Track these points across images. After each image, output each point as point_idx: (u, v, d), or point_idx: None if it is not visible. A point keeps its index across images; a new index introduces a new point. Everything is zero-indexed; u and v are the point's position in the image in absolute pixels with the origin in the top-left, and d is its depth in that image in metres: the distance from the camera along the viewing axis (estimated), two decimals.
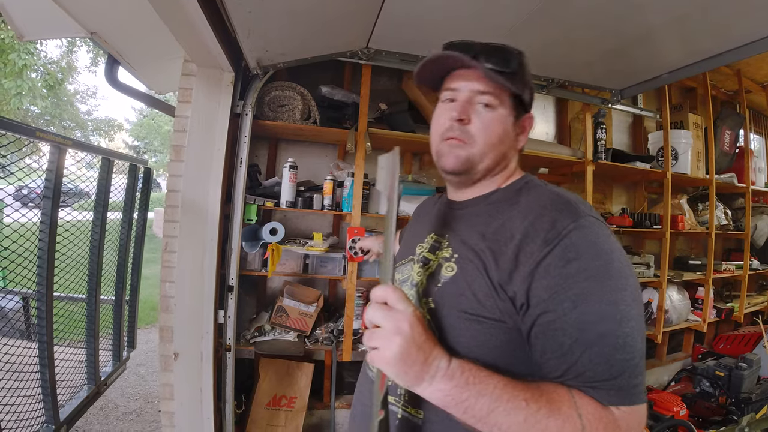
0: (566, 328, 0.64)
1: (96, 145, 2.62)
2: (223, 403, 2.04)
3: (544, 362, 0.68)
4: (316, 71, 2.47)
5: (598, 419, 0.62)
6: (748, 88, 4.04)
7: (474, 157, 0.82)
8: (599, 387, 0.63)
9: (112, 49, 2.00)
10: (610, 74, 2.47)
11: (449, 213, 0.92)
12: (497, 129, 0.82)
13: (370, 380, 0.89)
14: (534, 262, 0.67)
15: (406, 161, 2.92)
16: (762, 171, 4.19)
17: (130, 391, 3.27)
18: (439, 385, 0.62)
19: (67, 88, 12.31)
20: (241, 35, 1.61)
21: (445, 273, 0.80)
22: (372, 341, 0.63)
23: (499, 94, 0.81)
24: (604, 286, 0.65)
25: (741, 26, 1.73)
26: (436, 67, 0.85)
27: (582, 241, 0.67)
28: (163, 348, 1.93)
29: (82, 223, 2.34)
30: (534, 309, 0.68)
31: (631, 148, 3.64)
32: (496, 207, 0.82)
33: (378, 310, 0.65)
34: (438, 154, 0.86)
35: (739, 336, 3.52)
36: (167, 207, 1.99)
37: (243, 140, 2.07)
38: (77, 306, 2.41)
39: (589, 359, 0.63)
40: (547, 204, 0.74)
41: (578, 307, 0.64)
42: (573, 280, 0.65)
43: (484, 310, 0.72)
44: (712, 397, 2.63)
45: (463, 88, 0.82)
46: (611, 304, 0.64)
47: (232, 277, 2.07)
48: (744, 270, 3.78)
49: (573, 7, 1.65)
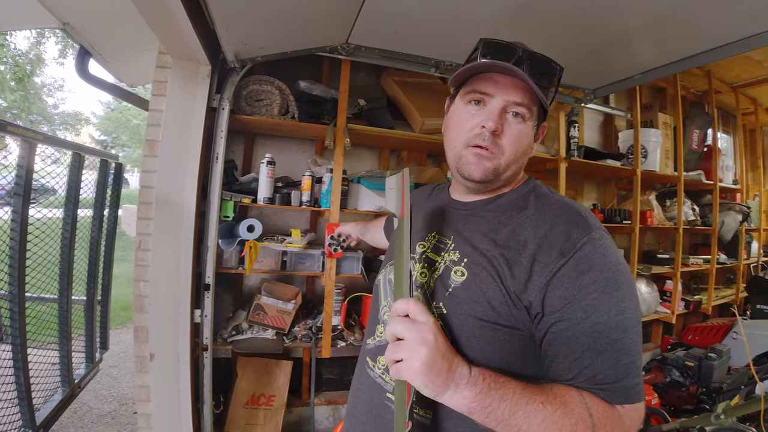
0: (578, 336, 0.68)
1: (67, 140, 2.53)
2: (201, 404, 2.00)
3: (554, 366, 0.71)
4: (294, 66, 2.44)
5: (606, 418, 0.66)
6: (718, 88, 4.18)
7: (500, 168, 0.81)
8: (607, 389, 0.68)
9: (84, 41, 1.93)
10: (584, 74, 2.52)
11: (453, 213, 0.91)
12: (525, 142, 0.81)
13: (372, 380, 0.88)
14: (550, 273, 0.70)
15: (384, 157, 2.91)
16: (729, 169, 4.35)
17: (103, 393, 3.18)
18: (464, 392, 0.64)
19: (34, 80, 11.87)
20: (219, 27, 1.57)
21: (455, 277, 0.79)
22: (397, 354, 0.64)
23: (531, 105, 0.79)
24: (613, 297, 0.68)
25: (715, 29, 1.78)
26: (469, 69, 0.81)
27: (594, 254, 0.70)
28: (138, 349, 1.88)
29: (51, 221, 2.26)
30: (548, 317, 0.70)
31: (602, 146, 3.73)
32: (504, 212, 0.83)
33: (401, 322, 0.65)
34: (461, 160, 0.83)
35: (708, 327, 3.65)
36: (141, 204, 1.93)
37: (220, 135, 2.03)
38: (47, 306, 2.33)
39: (599, 365, 0.67)
40: (560, 215, 0.76)
41: (590, 317, 0.68)
42: (585, 292, 0.68)
43: (499, 317, 0.73)
44: (683, 386, 2.72)
45: (499, 95, 0.79)
46: (619, 313, 0.68)
47: (209, 276, 2.02)
48: (711, 264, 3.92)
49: (555, 7, 1.67)
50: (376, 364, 0.88)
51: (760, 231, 4.80)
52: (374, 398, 0.86)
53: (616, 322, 0.67)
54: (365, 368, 0.91)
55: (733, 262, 4.29)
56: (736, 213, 4.11)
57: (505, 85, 0.78)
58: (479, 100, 0.80)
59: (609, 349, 0.67)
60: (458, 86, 0.87)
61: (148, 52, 2.23)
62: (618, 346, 0.67)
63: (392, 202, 0.86)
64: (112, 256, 2.91)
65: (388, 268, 0.96)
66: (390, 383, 0.83)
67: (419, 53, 2.27)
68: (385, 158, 2.92)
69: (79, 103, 33.98)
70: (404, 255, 0.74)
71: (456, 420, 0.72)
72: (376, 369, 0.87)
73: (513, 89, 0.78)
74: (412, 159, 2.97)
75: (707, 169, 3.98)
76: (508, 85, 0.78)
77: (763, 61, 3.61)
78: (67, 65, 11.25)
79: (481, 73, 0.81)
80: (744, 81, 4.18)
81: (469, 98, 0.82)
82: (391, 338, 0.66)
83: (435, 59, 2.31)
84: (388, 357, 0.65)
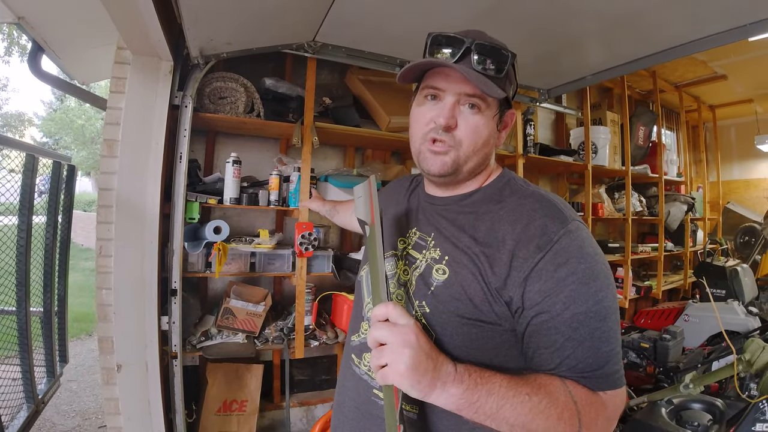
0: (559, 327, 0.69)
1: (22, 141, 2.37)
2: (173, 414, 1.93)
3: (537, 357, 0.72)
4: (256, 62, 2.39)
5: (590, 404, 0.68)
6: (662, 88, 4.46)
7: (459, 160, 0.81)
8: (589, 376, 0.70)
9: (38, 36, 1.83)
10: (540, 75, 2.64)
11: (430, 208, 0.91)
12: (483, 133, 0.81)
13: (358, 377, 0.88)
14: (528, 268, 0.71)
15: (349, 155, 2.92)
16: (674, 163, 4.67)
17: (65, 408, 3.04)
18: (452, 390, 0.64)
19: None
20: (187, 22, 1.52)
21: (436, 276, 0.80)
22: (381, 359, 0.63)
23: (486, 96, 0.79)
24: (591, 288, 0.70)
25: (661, 33, 1.92)
26: (416, 68, 0.82)
27: (570, 247, 0.72)
28: (104, 360, 1.79)
29: None
30: (528, 311, 0.72)
31: (554, 143, 3.92)
32: (481, 206, 0.83)
33: (382, 327, 0.65)
34: (420, 155, 0.84)
35: (659, 311, 3.88)
36: (100, 207, 1.85)
37: (183, 134, 1.96)
38: (3, 319, 2.17)
39: (581, 353, 0.69)
40: (536, 208, 0.77)
41: (569, 309, 0.69)
42: (564, 284, 0.69)
43: (481, 314, 0.75)
44: (640, 367, 2.88)
45: (450, 89, 0.78)
46: (597, 303, 0.70)
47: (175, 281, 1.95)
48: (659, 251, 4.18)
49: (514, 12, 1.74)
50: (361, 361, 0.88)
51: (705, 220, 5.17)
52: (361, 395, 0.86)
53: (595, 311, 0.69)
54: (351, 365, 0.91)
55: (680, 250, 4.59)
56: (681, 204, 4.40)
57: (455, 78, 0.78)
58: (434, 95, 0.81)
59: (589, 338, 0.69)
60: (418, 83, 0.87)
61: (102, 48, 2.13)
62: (598, 335, 0.69)
63: (361, 210, 0.86)
64: (67, 264, 2.74)
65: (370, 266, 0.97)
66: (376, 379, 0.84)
67: (385, 53, 2.29)
68: (350, 156, 2.92)
69: (21, 103, 31.66)
70: (378, 261, 0.75)
71: (441, 413, 0.72)
72: (362, 366, 0.87)
73: (463, 82, 0.77)
74: (377, 157, 2.98)
75: (653, 163, 4.25)
76: (458, 78, 0.77)
77: (708, 61, 3.90)
78: (12, 63, 10.54)
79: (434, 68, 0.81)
80: (688, 80, 4.48)
81: (425, 93, 0.82)
82: (373, 344, 0.65)
83: (400, 59, 2.34)
84: (373, 363, 0.64)
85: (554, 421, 0.65)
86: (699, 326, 3.35)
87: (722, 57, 3.76)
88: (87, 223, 10.79)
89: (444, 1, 1.69)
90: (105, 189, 1.85)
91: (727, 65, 3.98)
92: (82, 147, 16.60)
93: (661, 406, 1.95)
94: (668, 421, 1.86)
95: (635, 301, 4.27)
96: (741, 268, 3.87)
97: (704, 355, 2.65)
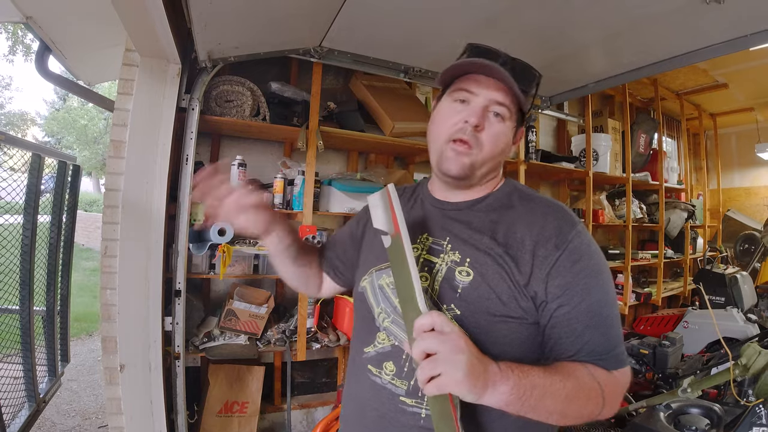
0: (579, 316, 0.77)
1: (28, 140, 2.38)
2: (175, 414, 1.94)
3: (558, 346, 0.79)
4: (262, 66, 2.41)
5: (609, 383, 0.76)
6: (664, 96, 4.49)
7: (476, 164, 0.85)
8: (605, 358, 0.77)
9: (45, 36, 1.84)
10: (542, 82, 2.64)
11: (440, 213, 0.93)
12: (502, 140, 0.86)
13: (380, 386, 0.86)
14: (549, 264, 0.79)
15: (352, 160, 2.93)
16: (674, 170, 4.69)
17: (65, 407, 3.06)
18: (501, 388, 0.66)
19: None
20: (197, 26, 1.54)
21: (460, 278, 0.82)
22: (436, 369, 0.63)
23: (511, 107, 0.84)
24: (599, 280, 0.80)
25: (662, 43, 1.95)
26: (459, 70, 0.86)
27: (581, 246, 0.80)
28: (107, 360, 1.80)
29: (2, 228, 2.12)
30: (551, 304, 0.78)
31: (555, 150, 3.95)
32: (493, 211, 0.88)
33: (430, 338, 0.64)
34: (442, 155, 0.87)
35: (659, 318, 3.89)
36: (106, 207, 1.86)
37: (189, 136, 1.97)
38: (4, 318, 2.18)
39: (597, 339, 0.77)
40: (548, 212, 0.84)
41: (585, 300, 0.77)
42: (579, 278, 0.78)
43: (509, 310, 0.79)
44: (639, 373, 2.89)
45: (482, 94, 0.83)
46: (605, 293, 0.80)
47: (180, 282, 1.96)
48: (659, 258, 4.19)
49: (518, 21, 1.77)
50: (382, 371, 0.87)
51: (705, 228, 5.17)
52: (385, 403, 0.85)
53: (605, 301, 0.79)
54: (368, 377, 0.89)
55: (680, 257, 4.60)
56: (682, 211, 4.42)
57: (488, 84, 0.83)
58: (464, 99, 0.85)
59: (602, 324, 0.78)
60: (445, 87, 0.91)
61: (109, 49, 2.15)
62: (608, 322, 0.78)
63: (380, 221, 0.82)
64: (71, 264, 2.75)
65: (375, 275, 0.94)
66: (401, 387, 0.83)
67: (390, 58, 2.31)
68: (353, 161, 2.94)
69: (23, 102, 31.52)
70: (411, 270, 0.73)
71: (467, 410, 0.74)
72: (383, 375, 0.86)
73: (495, 89, 0.83)
74: (380, 161, 3.00)
75: (653, 170, 4.28)
76: (491, 85, 0.83)
77: (709, 70, 3.93)
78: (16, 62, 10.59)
79: (467, 74, 0.85)
80: (689, 88, 4.50)
81: (455, 96, 0.86)
82: (421, 356, 0.65)
83: (405, 65, 2.36)
84: (424, 375, 0.64)
85: (584, 401, 0.73)
86: (698, 333, 3.36)
87: (723, 66, 3.79)
88: (88, 223, 10.80)
89: (449, 10, 1.72)
90: (111, 189, 1.86)
91: (728, 74, 4.00)
92: (84, 147, 16.65)
93: (659, 411, 1.96)
94: (666, 425, 1.87)
95: (635, 308, 4.28)
96: (740, 275, 3.87)
97: (703, 362, 2.66)
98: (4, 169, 2.11)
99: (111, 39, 1.99)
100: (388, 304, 0.89)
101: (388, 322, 0.87)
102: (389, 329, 0.87)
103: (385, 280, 0.91)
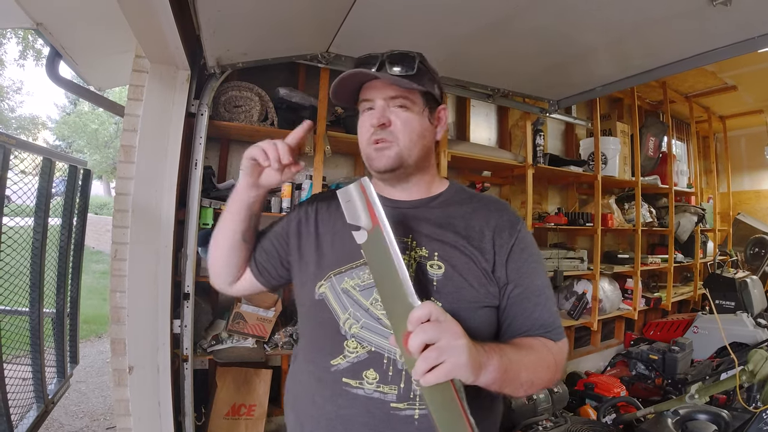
0: (529, 296, 0.90)
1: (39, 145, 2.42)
2: (182, 417, 1.95)
3: (515, 323, 0.90)
4: (269, 72, 2.43)
5: (558, 352, 0.88)
6: (672, 98, 4.45)
7: (402, 153, 0.91)
8: (551, 330, 0.89)
9: (56, 42, 1.87)
10: (549, 86, 2.66)
11: (395, 213, 0.92)
12: (416, 125, 0.92)
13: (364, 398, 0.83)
14: (506, 251, 0.91)
15: (359, 164, 2.92)
16: (684, 173, 4.65)
17: (73, 409, 3.08)
18: (490, 366, 0.71)
19: None
20: (205, 33, 1.56)
21: (433, 271, 0.87)
22: (440, 357, 0.64)
23: (410, 94, 0.91)
24: (540, 263, 0.95)
25: (670, 47, 1.94)
26: (349, 85, 0.93)
27: (527, 236, 0.95)
28: (116, 362, 1.82)
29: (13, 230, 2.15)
30: (509, 285, 0.90)
31: (563, 153, 3.92)
32: (450, 206, 0.98)
33: (429, 328, 0.65)
34: (368, 158, 0.94)
35: (668, 323, 3.85)
36: (116, 212, 1.88)
37: (198, 141, 2.00)
38: (16, 319, 2.21)
39: (545, 315, 0.90)
40: (499, 207, 0.98)
41: (534, 281, 0.91)
42: (527, 263, 0.92)
43: (481, 296, 0.88)
44: (648, 379, 2.86)
45: (377, 96, 0.91)
46: (545, 276, 0.94)
47: (188, 285, 1.98)
48: (669, 262, 4.15)
49: (523, 25, 1.77)
50: (363, 381, 0.84)
51: (716, 231, 5.11)
52: (376, 414, 0.82)
53: (546, 282, 0.93)
54: (348, 391, 0.85)
55: (690, 261, 4.55)
56: (692, 215, 4.38)
57: (378, 86, 0.91)
58: (369, 107, 0.93)
59: (547, 302, 0.91)
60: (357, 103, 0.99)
61: (119, 55, 2.18)
62: (551, 300, 0.92)
63: (357, 214, 0.78)
64: (81, 266, 2.79)
65: (335, 279, 0.91)
66: (390, 392, 0.82)
67: None
68: (360, 165, 2.94)
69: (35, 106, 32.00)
70: (396, 263, 0.72)
71: None
72: (366, 385, 0.83)
73: (385, 87, 0.91)
74: None
75: (663, 174, 4.24)
76: (380, 86, 0.91)
77: (718, 72, 3.90)
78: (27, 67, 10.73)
79: (363, 85, 0.94)
80: (698, 91, 4.47)
81: (362, 107, 0.95)
82: (420, 348, 0.64)
83: None
84: (427, 365, 0.64)
85: (545, 370, 0.83)
86: (708, 338, 3.33)
87: (732, 68, 3.76)
88: (98, 226, 10.89)
89: (455, 15, 1.73)
90: (121, 194, 1.88)
91: (737, 76, 3.97)
92: (95, 151, 16.82)
93: (667, 417, 1.95)
94: (674, 431, 1.86)
95: (645, 313, 4.23)
96: (750, 279, 3.83)
97: (712, 367, 2.63)
98: (15, 172, 2.14)
99: (121, 45, 2.02)
100: (357, 307, 0.87)
101: (357, 327, 0.86)
102: (359, 335, 0.86)
103: (349, 283, 0.89)
